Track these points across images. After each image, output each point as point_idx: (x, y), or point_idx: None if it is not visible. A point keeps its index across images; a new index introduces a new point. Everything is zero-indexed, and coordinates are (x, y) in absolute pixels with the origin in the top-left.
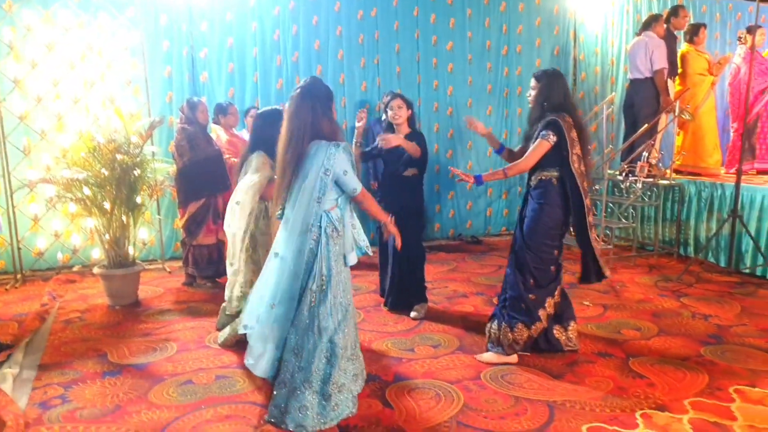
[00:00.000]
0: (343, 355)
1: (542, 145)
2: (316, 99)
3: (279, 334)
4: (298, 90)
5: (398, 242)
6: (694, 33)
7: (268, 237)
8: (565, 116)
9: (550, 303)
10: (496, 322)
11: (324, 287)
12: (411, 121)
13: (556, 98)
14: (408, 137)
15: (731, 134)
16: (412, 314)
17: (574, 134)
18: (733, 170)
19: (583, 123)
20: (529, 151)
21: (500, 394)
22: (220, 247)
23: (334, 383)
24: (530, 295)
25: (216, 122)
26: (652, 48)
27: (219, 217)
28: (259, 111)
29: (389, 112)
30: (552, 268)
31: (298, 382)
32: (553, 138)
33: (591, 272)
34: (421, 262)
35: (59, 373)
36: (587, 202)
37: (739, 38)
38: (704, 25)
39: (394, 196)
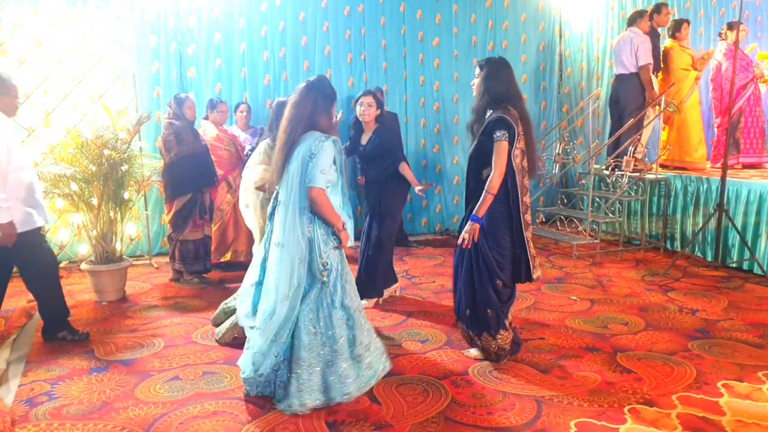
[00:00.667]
0: (358, 315)
1: (503, 147)
2: (319, 93)
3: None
4: (305, 83)
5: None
6: (676, 29)
7: None
8: (509, 109)
9: (512, 311)
10: (472, 330)
11: (327, 265)
12: (379, 118)
13: (500, 88)
14: (376, 132)
15: (716, 129)
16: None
17: (520, 128)
18: (718, 165)
19: (528, 115)
20: (494, 160)
21: (488, 389)
22: (207, 242)
23: (360, 344)
24: (501, 305)
25: (205, 117)
26: (637, 44)
27: (206, 212)
28: (280, 99)
29: (358, 108)
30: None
31: (329, 356)
32: (507, 135)
33: (522, 272)
34: (380, 253)
35: (46, 369)
36: (526, 199)
37: (720, 34)
38: (687, 21)
39: (371, 191)
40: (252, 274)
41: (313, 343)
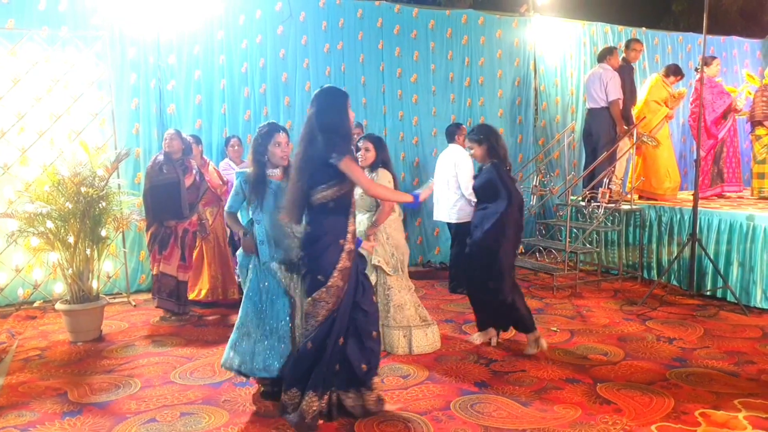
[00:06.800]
0: None
1: None
2: None
3: None
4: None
5: None
6: (676, 73)
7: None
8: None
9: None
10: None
11: None
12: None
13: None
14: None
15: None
16: None
17: None
18: (707, 194)
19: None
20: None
21: (470, 423)
22: (162, 279)
23: None
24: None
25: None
26: (606, 80)
27: (165, 248)
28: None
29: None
30: None
31: None
32: None
33: None
34: None
35: (16, 415)
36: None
37: (696, 69)
38: (682, 75)
39: None
40: None
41: None
